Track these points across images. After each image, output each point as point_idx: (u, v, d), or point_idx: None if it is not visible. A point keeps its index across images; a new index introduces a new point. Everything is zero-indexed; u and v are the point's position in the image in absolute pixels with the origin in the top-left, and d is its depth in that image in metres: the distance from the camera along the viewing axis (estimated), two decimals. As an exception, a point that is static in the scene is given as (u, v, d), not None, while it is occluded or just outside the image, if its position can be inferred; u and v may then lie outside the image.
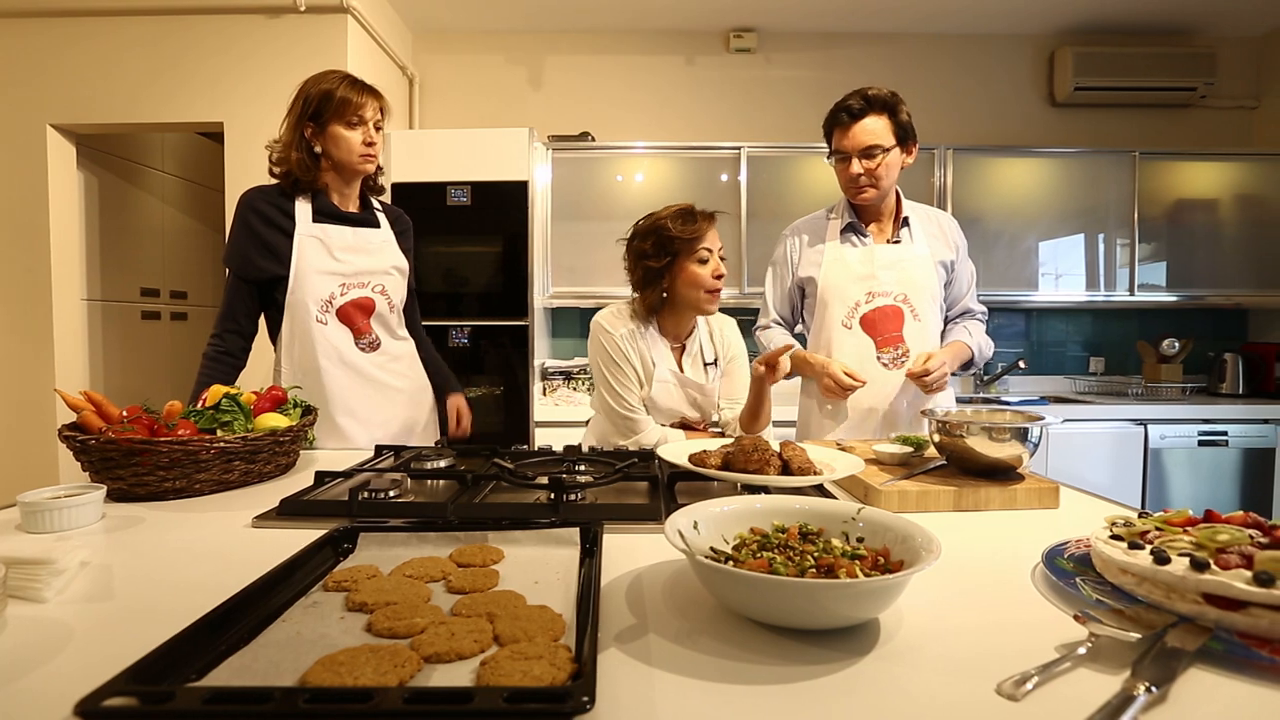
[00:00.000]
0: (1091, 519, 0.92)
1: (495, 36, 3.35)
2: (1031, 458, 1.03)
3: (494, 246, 2.70)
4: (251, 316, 1.44)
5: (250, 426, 1.07)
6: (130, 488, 0.97)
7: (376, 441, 1.37)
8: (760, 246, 2.99)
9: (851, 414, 1.60)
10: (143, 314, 3.25)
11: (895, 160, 1.54)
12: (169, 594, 0.65)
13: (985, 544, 0.82)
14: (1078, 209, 3.07)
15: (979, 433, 1.02)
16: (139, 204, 3.23)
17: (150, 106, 2.69)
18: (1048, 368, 3.43)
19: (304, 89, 1.40)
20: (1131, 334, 3.42)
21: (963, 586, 0.68)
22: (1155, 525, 0.65)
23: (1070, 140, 3.35)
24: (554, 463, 1.10)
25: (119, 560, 0.74)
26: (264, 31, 2.66)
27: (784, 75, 3.40)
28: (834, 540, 0.67)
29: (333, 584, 0.62)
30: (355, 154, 1.42)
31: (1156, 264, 3.09)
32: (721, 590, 0.58)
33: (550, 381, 2.94)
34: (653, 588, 0.66)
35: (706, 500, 0.72)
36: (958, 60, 3.40)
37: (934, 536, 0.61)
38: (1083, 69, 3.21)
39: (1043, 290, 3.07)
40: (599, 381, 1.53)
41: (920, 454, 1.17)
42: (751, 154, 2.99)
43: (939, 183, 3.03)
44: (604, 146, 3.01)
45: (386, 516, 0.82)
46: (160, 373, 3.35)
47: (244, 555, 0.76)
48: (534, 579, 0.65)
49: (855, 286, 1.59)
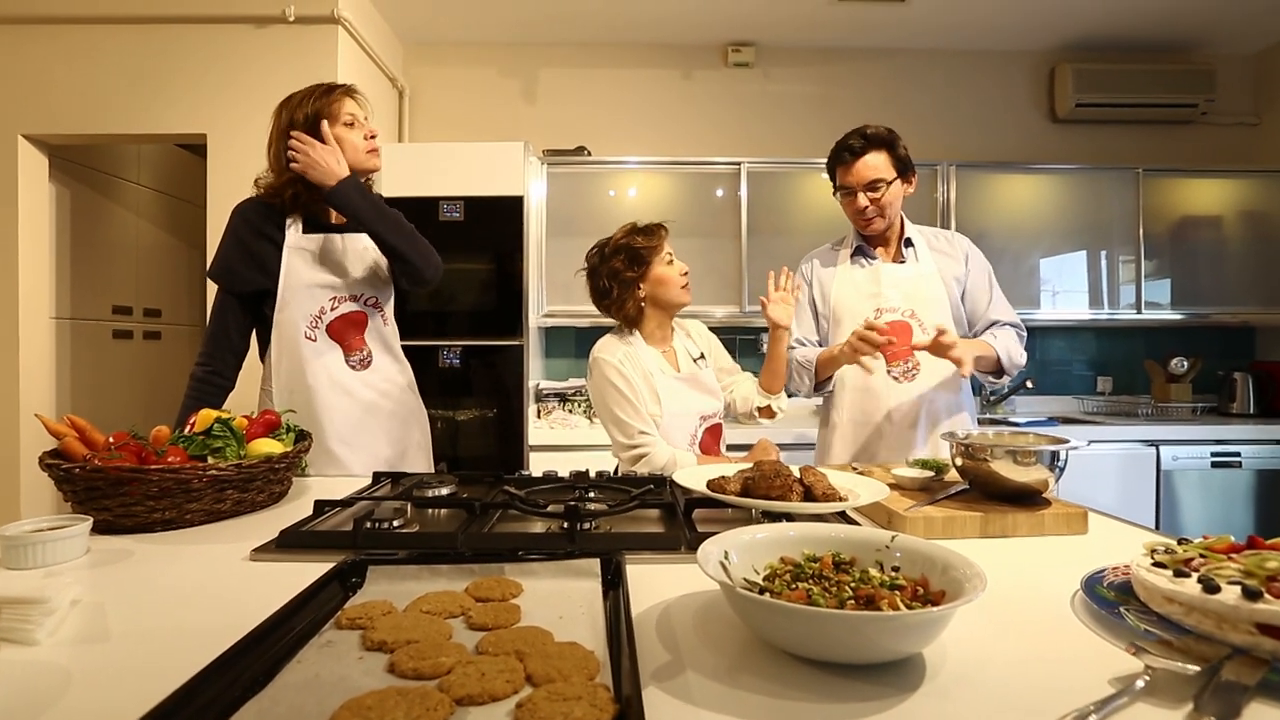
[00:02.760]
0: (1122, 545, 0.93)
1: (488, 49, 3.39)
2: (1058, 482, 1.03)
3: (487, 263, 2.70)
4: (244, 334, 1.43)
5: (243, 453, 1.06)
6: (117, 519, 0.95)
7: (368, 466, 1.36)
8: (760, 263, 3.01)
9: (865, 432, 1.65)
10: (114, 333, 3.20)
11: (897, 191, 1.66)
12: (169, 634, 0.63)
13: (1018, 572, 0.82)
14: (1080, 226, 3.13)
15: (1003, 456, 1.02)
16: (112, 218, 3.21)
17: (129, 117, 2.69)
18: (1053, 388, 3.47)
19: (284, 117, 1.41)
20: (1138, 353, 3.47)
21: (1003, 617, 0.68)
22: (1199, 552, 0.66)
23: (1072, 156, 3.43)
24: (563, 489, 1.09)
25: (111, 598, 0.72)
26: (251, 41, 2.67)
27: (783, 90, 3.46)
28: (871, 570, 0.67)
29: (346, 621, 0.61)
30: (361, 151, 1.43)
31: (1161, 281, 3.15)
32: (761, 623, 0.58)
33: (545, 404, 2.92)
34: (683, 621, 0.66)
35: (737, 529, 0.72)
36: (959, 76, 3.48)
37: (976, 565, 0.61)
38: (1083, 85, 3.30)
39: (1045, 308, 3.12)
40: (604, 416, 1.58)
41: (941, 478, 1.18)
42: (751, 170, 3.03)
43: (941, 199, 3.08)
44: (600, 161, 3.04)
45: (394, 548, 0.81)
46: (131, 395, 3.30)
47: (244, 590, 0.74)
48: (557, 613, 0.65)
49: (864, 303, 1.68)
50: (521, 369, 2.68)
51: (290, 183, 1.38)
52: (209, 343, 1.40)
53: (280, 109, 1.42)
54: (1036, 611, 0.69)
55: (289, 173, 1.39)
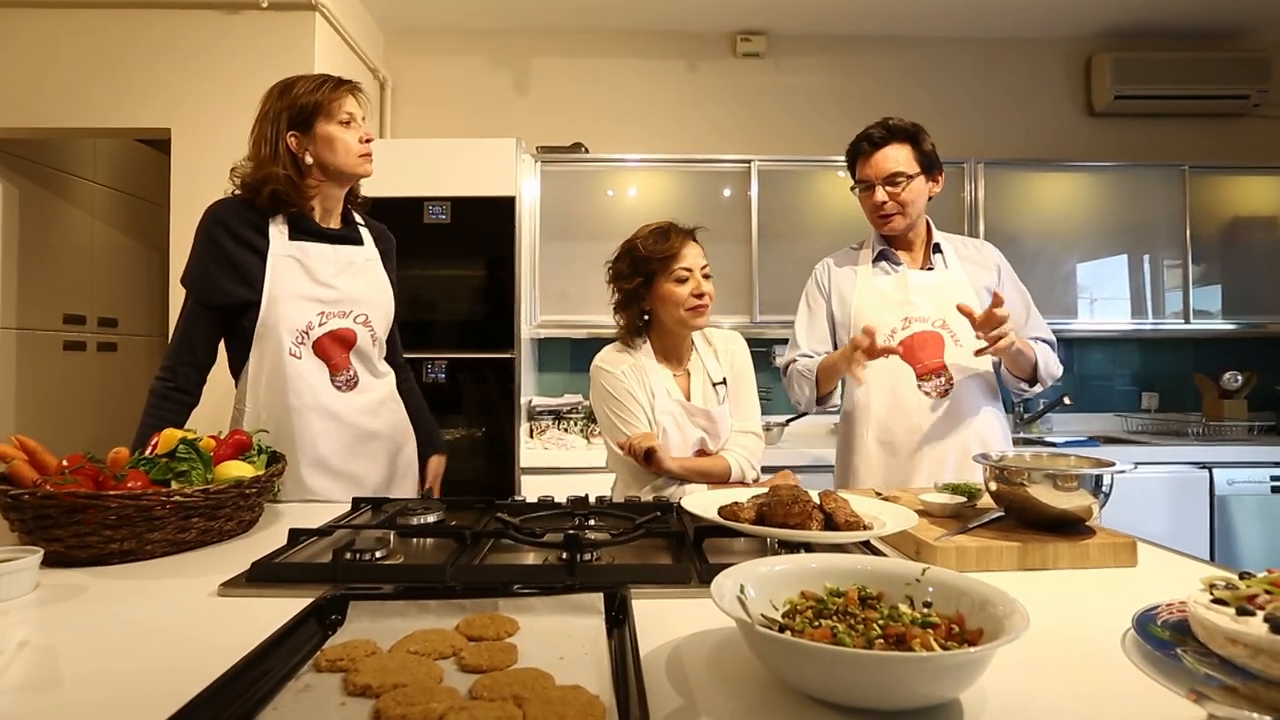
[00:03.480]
0: (1175, 578, 0.93)
1: (476, 36, 3.43)
2: (1102, 509, 1.03)
3: (476, 270, 2.71)
4: (210, 348, 1.43)
5: (211, 477, 1.06)
6: (69, 550, 0.95)
7: (351, 494, 1.35)
8: (773, 268, 3.03)
9: (894, 455, 1.64)
10: (65, 344, 3.21)
11: (920, 188, 1.66)
12: (128, 679, 0.63)
13: (1062, 608, 0.82)
14: (1121, 228, 3.15)
15: (1042, 481, 1.02)
16: (65, 219, 3.22)
17: (87, 110, 2.71)
18: (1093, 404, 3.46)
19: (273, 101, 1.41)
20: (1186, 366, 3.47)
21: (1047, 658, 0.67)
22: (1263, 588, 0.66)
23: (1111, 153, 3.45)
24: (561, 516, 1.09)
25: (63, 639, 0.72)
26: (221, 29, 2.70)
27: (796, 82, 3.49)
28: (901, 606, 0.67)
29: (326, 663, 0.61)
30: (354, 154, 1.44)
31: (1211, 288, 3.16)
32: (782, 664, 0.58)
33: (538, 422, 2.92)
34: (695, 661, 0.66)
35: (753, 560, 0.72)
36: (987, 67, 3.52)
37: (1017, 602, 0.61)
38: (1123, 76, 3.33)
39: (1083, 318, 3.13)
40: (604, 427, 1.59)
41: (973, 504, 1.18)
42: (762, 168, 3.05)
43: (969, 199, 3.10)
44: (599, 159, 3.06)
45: (378, 581, 0.81)
46: (84, 412, 3.30)
47: (212, 629, 0.74)
48: (558, 654, 0.65)
49: (890, 313, 1.67)
50: (513, 384, 2.68)
51: (270, 178, 1.38)
52: (172, 355, 1.40)
53: (277, 94, 1.42)
54: (1084, 652, 0.69)
55: (271, 165, 1.39)
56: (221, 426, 1.21)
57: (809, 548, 0.94)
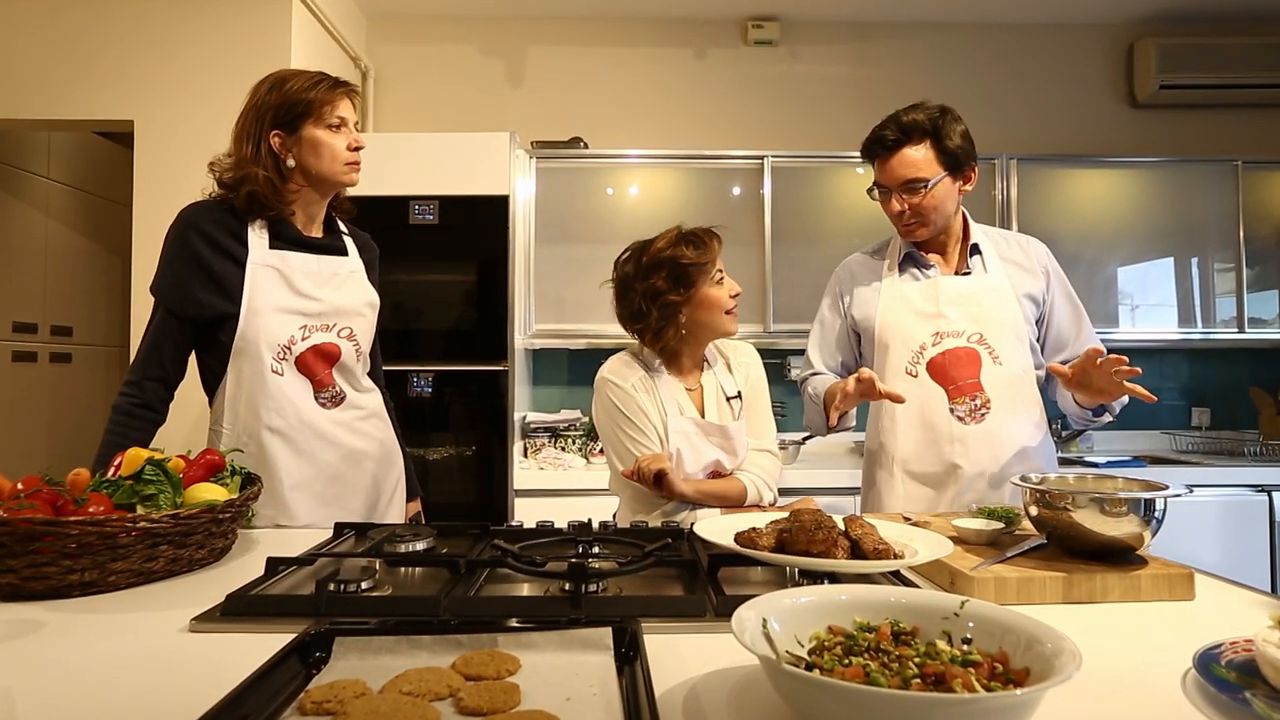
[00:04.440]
0: (1237, 613, 0.93)
1: (466, 23, 3.46)
2: (1154, 537, 1.03)
3: (466, 275, 2.72)
4: (180, 362, 1.44)
5: (180, 501, 1.06)
6: (23, 581, 0.94)
7: (336, 518, 1.36)
8: (786, 272, 3.04)
9: (922, 490, 1.61)
10: (15, 354, 3.22)
11: (945, 191, 1.60)
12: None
13: (1115, 645, 0.82)
14: (1167, 228, 3.16)
15: (1088, 505, 1.02)
16: (15, 217, 3.24)
17: (41, 101, 2.73)
18: (1137, 421, 3.45)
19: (262, 94, 1.43)
20: (1241, 379, 3.47)
21: (1101, 700, 0.67)
22: (1335, 622, 0.66)
23: (1156, 148, 3.46)
24: (562, 543, 1.09)
25: (19, 681, 0.71)
26: (189, 12, 2.72)
27: (812, 72, 3.52)
28: (938, 643, 0.67)
29: (311, 705, 0.61)
30: (339, 162, 1.45)
31: (1267, 293, 3.17)
32: (812, 706, 0.58)
33: (533, 440, 2.92)
34: (714, 703, 0.66)
35: (774, 591, 0.72)
36: (1019, 54, 3.54)
37: (1067, 639, 0.61)
38: (1168, 64, 3.35)
39: (1125, 326, 3.13)
40: (611, 446, 1.59)
41: (1011, 531, 1.17)
42: (776, 164, 3.07)
43: (1000, 198, 3.12)
44: (599, 155, 3.08)
45: (365, 615, 0.81)
46: (33, 429, 3.30)
47: (184, 668, 0.74)
48: (564, 694, 0.65)
49: (919, 327, 1.62)
50: (505, 399, 2.68)
51: (249, 179, 1.39)
52: (138, 369, 1.41)
53: (268, 88, 1.43)
54: (1141, 695, 0.69)
55: (251, 164, 1.40)
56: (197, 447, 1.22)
57: (834, 578, 0.94)
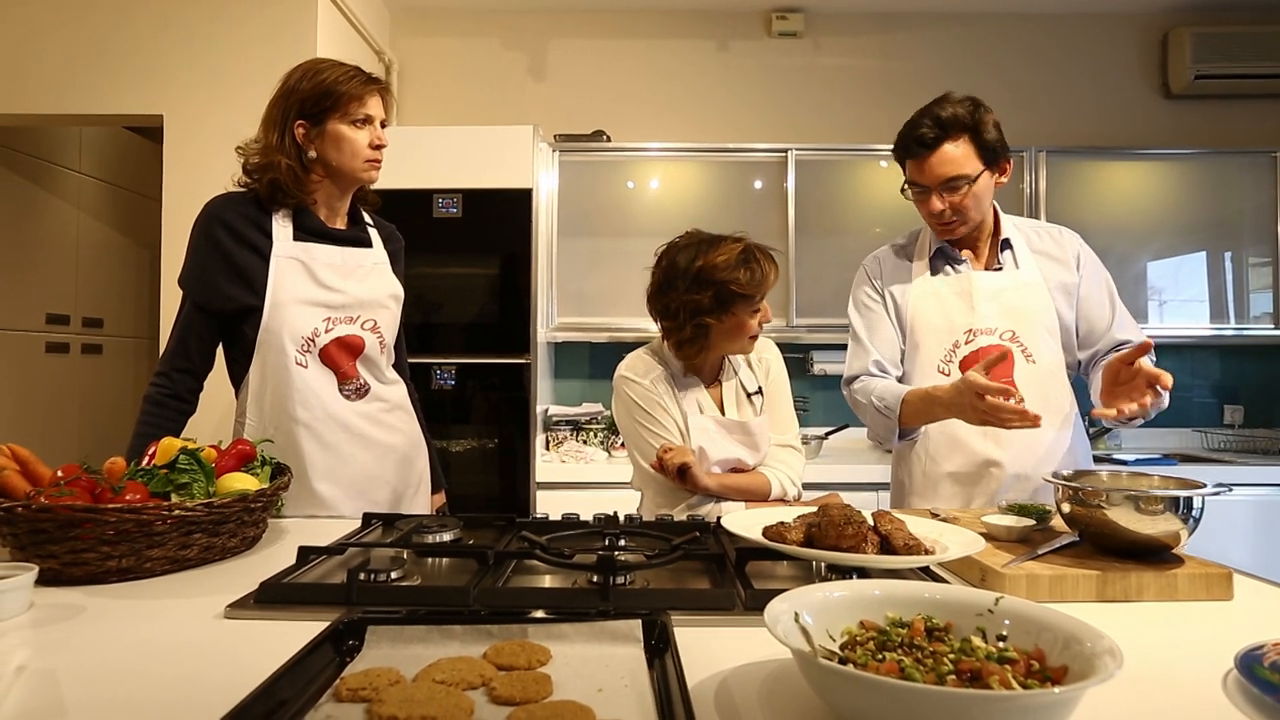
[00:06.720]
0: (1278, 614, 0.91)
1: (489, 16, 3.46)
2: (1191, 535, 1.02)
3: (489, 268, 2.73)
4: (207, 354, 1.45)
5: (213, 490, 1.07)
6: (64, 567, 0.97)
7: (361, 509, 1.37)
8: (810, 266, 3.02)
9: (951, 492, 1.58)
10: (48, 345, 3.28)
11: (985, 187, 1.57)
12: (136, 706, 0.64)
13: (1152, 645, 0.81)
14: (1201, 222, 3.10)
15: (1123, 503, 1.01)
16: (48, 211, 3.30)
17: (73, 96, 2.77)
18: (1168, 418, 3.35)
19: (293, 81, 1.44)
20: (1275, 376, 3.41)
21: (1139, 701, 0.66)
22: (1384, 623, 0.64)
23: (1190, 139, 3.40)
24: (590, 536, 1.10)
25: (63, 663, 0.73)
26: (217, 8, 2.75)
27: (836, 64, 3.49)
28: (973, 639, 0.67)
29: (347, 692, 0.62)
30: (360, 159, 1.45)
31: (1303, 289, 3.11)
32: (846, 701, 0.58)
33: (555, 432, 2.94)
34: (745, 695, 0.66)
35: (806, 586, 0.72)
36: (1049, 45, 3.49)
37: (1106, 637, 0.60)
38: (1204, 54, 3.28)
39: (1154, 321, 3.08)
40: (633, 442, 1.59)
41: (1043, 528, 1.16)
42: (800, 157, 3.05)
43: (1029, 191, 3.08)
44: (621, 148, 3.08)
45: (396, 604, 0.82)
46: (67, 418, 3.37)
47: (220, 653, 0.75)
48: (596, 685, 0.65)
49: (952, 324, 1.60)
50: (527, 392, 2.70)
51: (272, 166, 1.40)
52: (167, 360, 1.43)
53: (299, 76, 1.44)
54: (1180, 695, 0.68)
55: (276, 153, 1.41)
56: (225, 438, 1.23)
57: (863, 573, 0.93)
